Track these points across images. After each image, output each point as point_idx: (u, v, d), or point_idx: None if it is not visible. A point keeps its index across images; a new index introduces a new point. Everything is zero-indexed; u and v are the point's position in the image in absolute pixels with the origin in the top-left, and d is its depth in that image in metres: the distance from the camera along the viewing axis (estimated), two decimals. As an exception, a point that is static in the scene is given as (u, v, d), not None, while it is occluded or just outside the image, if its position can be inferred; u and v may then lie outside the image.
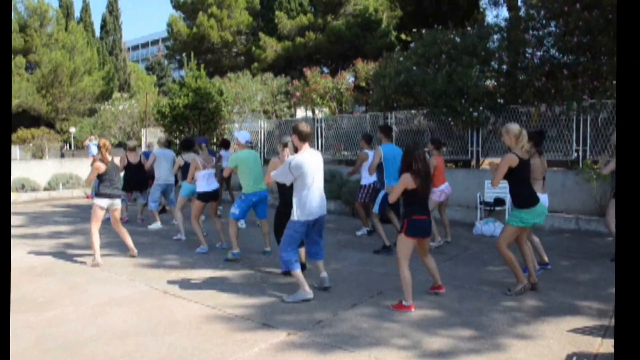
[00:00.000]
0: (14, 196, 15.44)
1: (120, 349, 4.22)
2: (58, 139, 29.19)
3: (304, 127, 5.57)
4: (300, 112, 20.35)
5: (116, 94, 33.43)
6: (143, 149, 15.60)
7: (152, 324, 4.78)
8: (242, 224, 9.88)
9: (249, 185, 7.32)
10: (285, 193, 6.31)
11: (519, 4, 15.20)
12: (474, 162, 12.03)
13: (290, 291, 5.72)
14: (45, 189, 16.60)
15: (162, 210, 11.62)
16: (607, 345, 4.15)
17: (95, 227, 7.35)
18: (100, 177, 7.33)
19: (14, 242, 8.82)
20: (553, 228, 9.45)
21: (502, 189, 9.81)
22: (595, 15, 9.73)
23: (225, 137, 14.78)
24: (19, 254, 7.93)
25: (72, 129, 30.05)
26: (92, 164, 7.40)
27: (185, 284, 6.14)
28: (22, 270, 6.88)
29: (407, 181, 5.13)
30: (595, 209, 9.49)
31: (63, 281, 6.36)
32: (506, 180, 5.49)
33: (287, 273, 5.91)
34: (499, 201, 9.69)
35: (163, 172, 10.48)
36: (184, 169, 9.05)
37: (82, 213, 12.81)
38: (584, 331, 4.47)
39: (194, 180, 8.23)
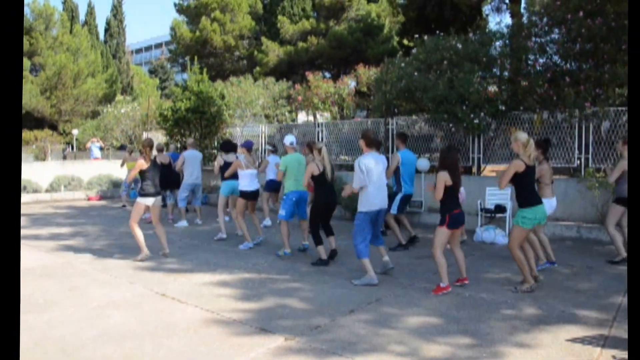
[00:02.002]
0: (16, 198, 15.46)
1: (118, 351, 4.22)
2: (60, 140, 29.26)
3: (372, 135, 6.78)
4: (302, 117, 20.37)
5: (119, 97, 33.49)
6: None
7: (150, 327, 4.78)
8: (267, 221, 10.80)
9: (290, 185, 7.91)
10: (322, 191, 7.39)
11: (522, 10, 15.24)
12: (474, 169, 12.01)
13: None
14: (47, 191, 16.64)
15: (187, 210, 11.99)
16: (606, 355, 4.14)
17: (135, 222, 7.65)
18: (143, 176, 7.61)
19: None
20: (554, 236, 9.41)
21: (503, 196, 9.81)
22: (598, 23, 9.72)
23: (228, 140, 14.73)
24: (20, 255, 7.93)
25: (75, 131, 30.08)
26: (123, 164, 7.66)
27: (184, 288, 6.13)
28: (23, 272, 6.83)
29: (445, 177, 5.88)
30: (597, 217, 9.47)
31: (63, 283, 6.36)
32: (512, 184, 5.93)
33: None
34: (500, 208, 9.67)
35: (191, 173, 11.06)
36: (224, 169, 9.39)
37: (83, 215, 12.84)
38: (584, 341, 4.44)
39: (230, 176, 8.94)
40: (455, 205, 5.99)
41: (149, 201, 7.65)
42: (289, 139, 8.25)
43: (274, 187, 10.98)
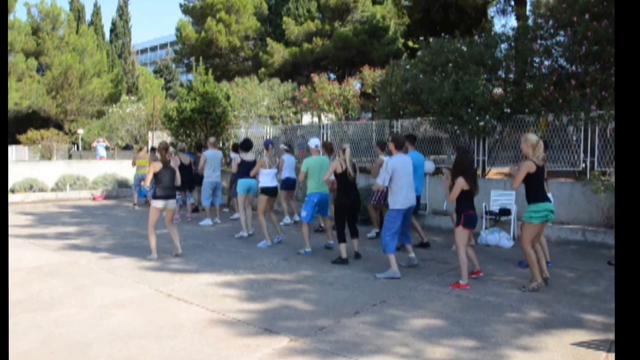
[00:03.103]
0: (22, 196, 15.54)
1: (123, 351, 4.25)
2: (66, 140, 29.39)
3: (400, 138, 7.22)
4: (307, 118, 20.39)
5: (124, 97, 33.57)
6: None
7: (155, 327, 4.81)
8: (287, 219, 11.27)
9: (312, 186, 8.13)
10: (345, 189, 7.56)
11: (528, 13, 15.21)
12: (479, 172, 12.00)
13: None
14: (52, 190, 16.70)
15: (195, 210, 12.10)
16: None
17: (150, 226, 7.79)
18: (155, 179, 7.72)
19: (21, 242, 8.89)
20: (559, 239, 9.41)
21: (508, 199, 9.81)
22: (604, 25, 9.71)
23: (234, 142, 14.71)
24: (27, 254, 7.99)
25: (80, 131, 30.24)
26: (134, 163, 7.73)
27: (189, 288, 6.16)
28: (29, 270, 6.93)
29: (462, 183, 6.25)
30: (602, 221, 9.44)
31: (69, 282, 6.40)
32: (523, 182, 6.13)
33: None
34: (505, 211, 9.66)
35: (212, 172, 11.34)
36: (241, 168, 9.60)
37: (88, 214, 12.89)
38: (588, 345, 4.43)
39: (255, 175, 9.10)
40: (470, 206, 6.35)
41: (160, 204, 7.71)
42: (314, 142, 8.44)
43: (288, 185, 11.18)
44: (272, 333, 4.66)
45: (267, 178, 8.88)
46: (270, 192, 8.94)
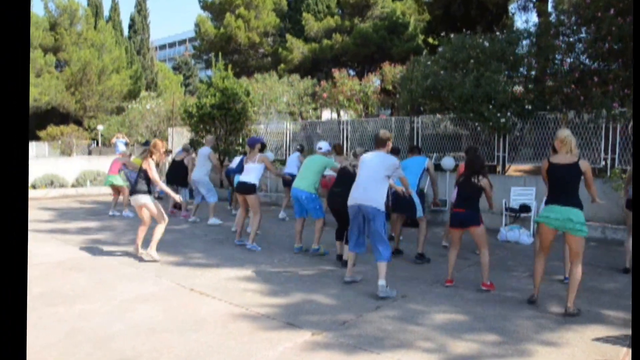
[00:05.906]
0: (43, 192, 15.78)
1: (147, 344, 4.29)
2: (86, 136, 29.69)
3: (381, 137, 6.22)
4: (326, 114, 20.42)
5: (143, 93, 33.81)
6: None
7: (178, 321, 4.86)
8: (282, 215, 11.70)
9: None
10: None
11: (549, 9, 15.05)
12: (499, 168, 11.94)
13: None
14: (73, 186, 16.93)
15: (175, 206, 11.95)
16: (633, 356, 4.12)
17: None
18: None
19: (43, 237, 9.03)
20: (579, 236, 9.32)
21: (528, 196, 9.75)
22: (629, 22, 9.57)
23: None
24: (49, 248, 8.11)
25: (100, 127, 30.53)
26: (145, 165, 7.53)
27: (211, 282, 6.21)
28: (52, 265, 7.03)
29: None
30: (623, 218, 9.33)
31: (91, 276, 6.48)
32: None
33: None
34: (525, 208, 9.61)
35: (196, 169, 11.19)
36: None
37: (109, 210, 13.02)
38: (609, 340, 4.43)
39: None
40: (454, 205, 6.35)
41: None
42: (319, 144, 8.63)
43: (286, 181, 11.32)
44: (294, 327, 4.69)
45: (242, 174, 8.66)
46: (236, 188, 8.89)
